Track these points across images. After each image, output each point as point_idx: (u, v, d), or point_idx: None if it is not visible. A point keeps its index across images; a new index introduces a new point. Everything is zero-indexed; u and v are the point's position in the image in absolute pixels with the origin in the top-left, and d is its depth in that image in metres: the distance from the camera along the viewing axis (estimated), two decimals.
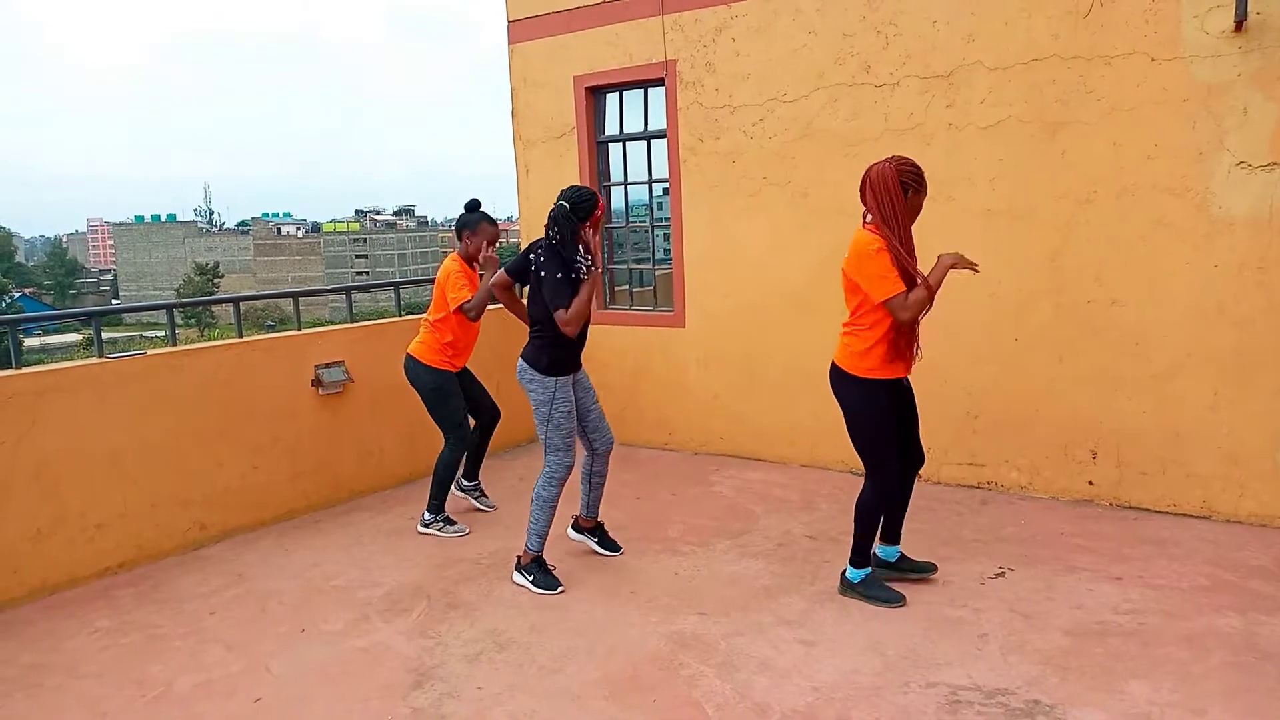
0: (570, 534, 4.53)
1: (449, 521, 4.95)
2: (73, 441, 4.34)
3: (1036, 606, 3.73)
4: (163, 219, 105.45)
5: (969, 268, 3.56)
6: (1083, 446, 5.00)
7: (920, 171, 3.60)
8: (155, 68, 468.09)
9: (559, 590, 4.07)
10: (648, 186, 6.72)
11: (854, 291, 3.62)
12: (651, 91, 6.45)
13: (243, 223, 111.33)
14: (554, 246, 4.00)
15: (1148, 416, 4.80)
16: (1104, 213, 4.79)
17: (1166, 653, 3.31)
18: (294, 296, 5.89)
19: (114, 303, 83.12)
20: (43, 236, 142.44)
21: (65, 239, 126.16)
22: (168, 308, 5.35)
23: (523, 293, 4.49)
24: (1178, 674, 3.16)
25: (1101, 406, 4.91)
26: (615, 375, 6.69)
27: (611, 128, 6.73)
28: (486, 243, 4.81)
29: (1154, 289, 4.71)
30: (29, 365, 4.53)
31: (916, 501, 4.17)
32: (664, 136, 6.36)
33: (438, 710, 3.13)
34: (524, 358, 4.09)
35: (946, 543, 4.44)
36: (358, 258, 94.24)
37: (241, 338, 5.23)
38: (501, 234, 4.91)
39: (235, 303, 5.81)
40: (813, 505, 5.18)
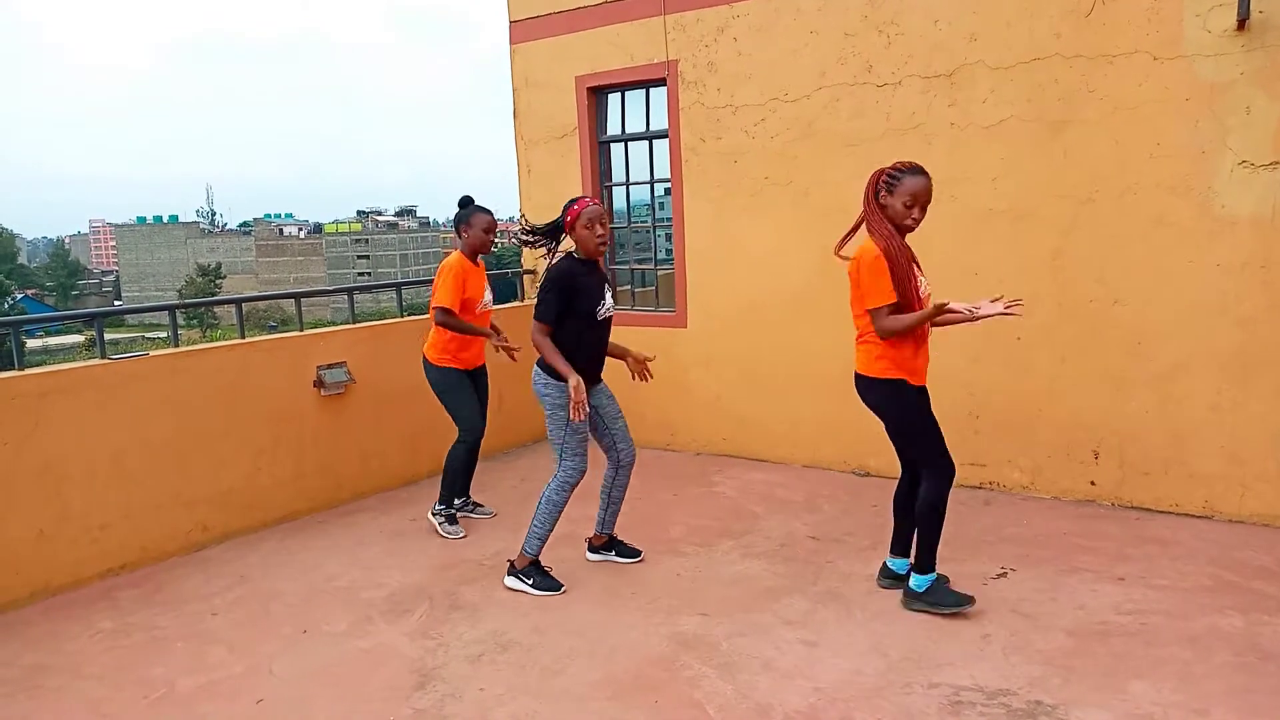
0: (589, 557, 4.48)
1: (451, 520, 4.94)
2: (76, 442, 4.34)
3: (1039, 607, 3.73)
4: (165, 220, 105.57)
5: (969, 319, 3.49)
6: (1085, 446, 5.00)
7: (901, 171, 3.53)
8: (156, 69, 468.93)
9: (561, 591, 4.06)
10: (649, 186, 6.72)
11: (858, 301, 3.61)
12: (653, 91, 6.46)
13: (245, 224, 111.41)
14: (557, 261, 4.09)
15: (1150, 416, 4.80)
16: (1106, 212, 4.79)
17: (1169, 653, 3.31)
18: (296, 297, 5.90)
19: (116, 304, 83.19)
20: (45, 238, 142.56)
21: (68, 240, 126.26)
22: (170, 309, 5.36)
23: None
24: (1180, 674, 3.16)
25: (1104, 406, 4.91)
26: (616, 376, 6.66)
27: (613, 128, 6.73)
28: (487, 231, 4.81)
29: (1156, 288, 4.71)
30: (32, 366, 4.54)
31: None
32: (666, 136, 6.36)
33: (440, 711, 3.13)
34: (538, 364, 4.09)
35: (949, 543, 4.41)
36: (360, 258, 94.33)
37: (244, 339, 5.23)
38: (502, 233, 4.91)
39: (237, 304, 5.82)
40: (815, 506, 5.17)
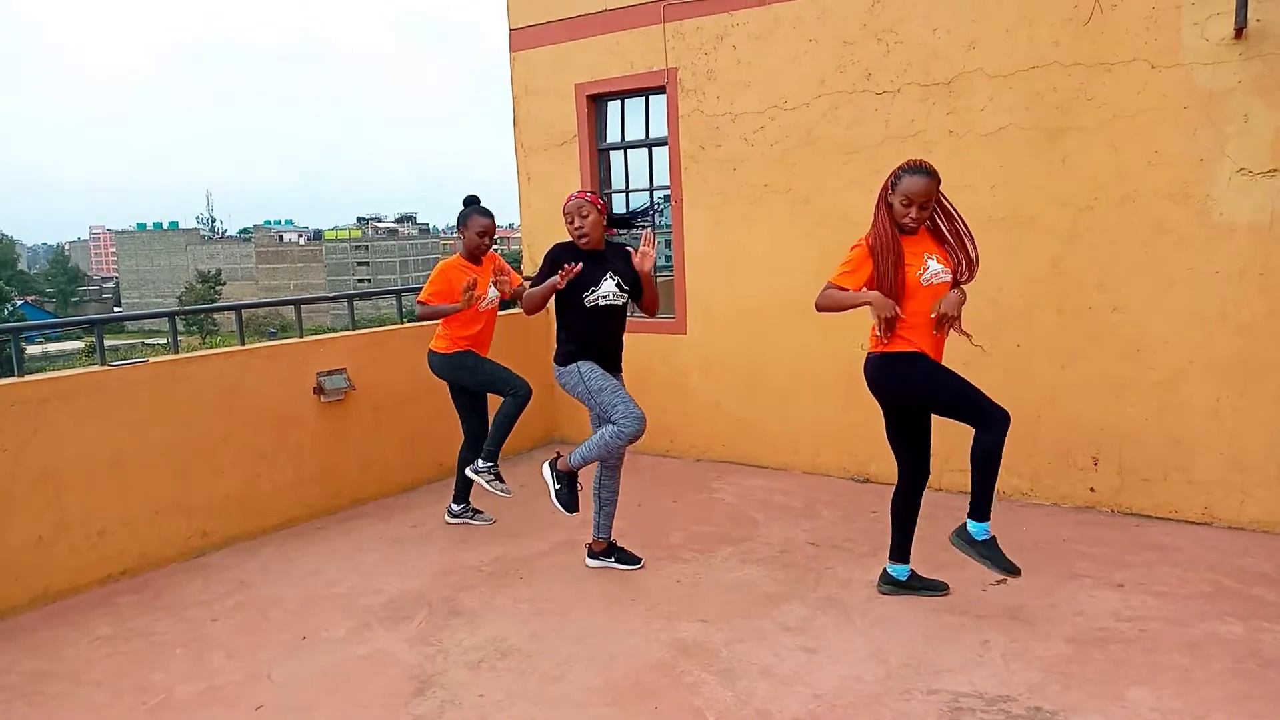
0: (589, 563, 4.48)
1: (499, 478, 4.84)
2: (75, 449, 4.35)
3: (1038, 613, 3.73)
4: (165, 226, 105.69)
5: (886, 326, 3.52)
6: (1084, 453, 5.00)
7: (903, 170, 3.56)
8: (157, 75, 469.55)
9: (574, 513, 4.15)
10: (649, 194, 6.73)
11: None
12: (653, 99, 6.47)
13: (245, 230, 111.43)
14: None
15: (1149, 423, 4.80)
16: (1105, 219, 4.80)
17: (1168, 660, 3.31)
18: (296, 304, 5.91)
19: (116, 310, 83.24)
20: (45, 244, 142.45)
21: (68, 246, 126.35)
22: (170, 315, 5.36)
23: (632, 309, 4.38)
24: (1180, 681, 3.16)
25: (1103, 413, 4.92)
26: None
27: (613, 135, 6.75)
28: (480, 234, 4.82)
29: (1155, 295, 4.71)
30: (31, 373, 4.54)
31: None
32: (665, 144, 6.38)
33: (439, 718, 3.13)
34: (554, 359, 4.21)
35: (948, 549, 4.40)
36: (359, 265, 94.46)
37: (243, 345, 5.24)
38: (502, 239, 4.90)
39: (237, 310, 5.83)
40: (815, 512, 5.17)
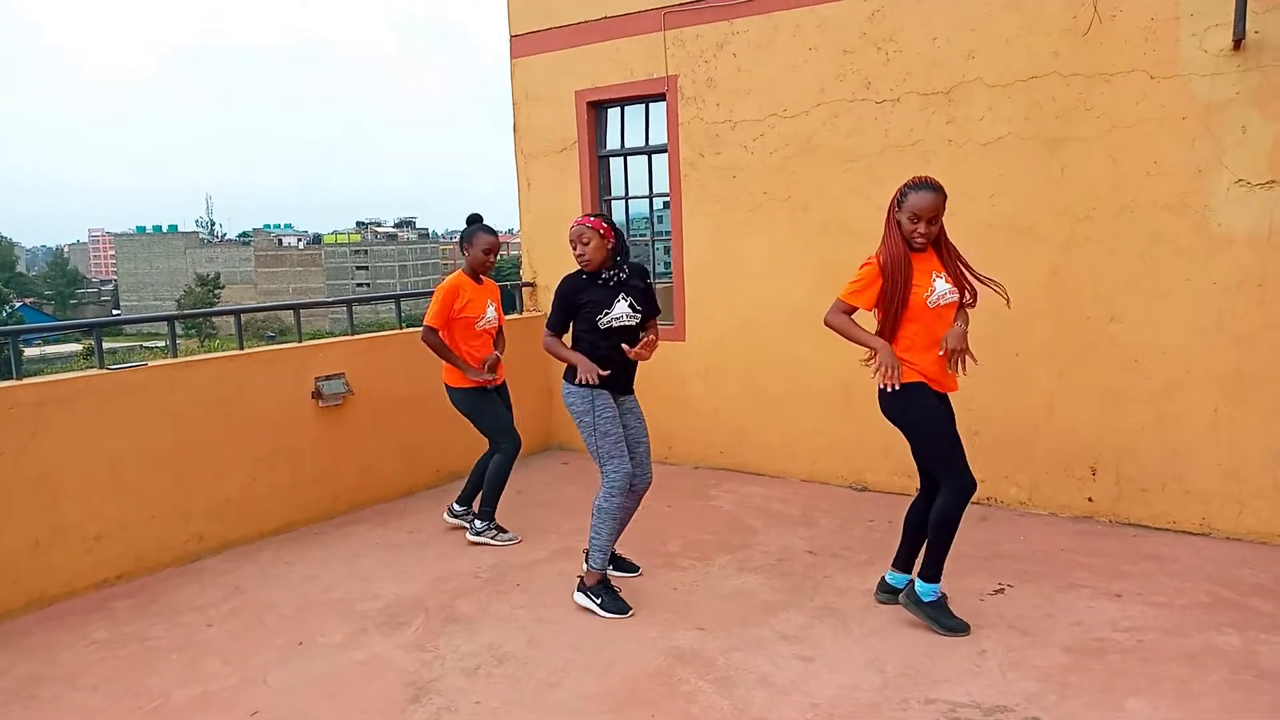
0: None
1: (501, 530, 4.90)
2: (72, 452, 4.34)
3: (1035, 623, 3.72)
4: (164, 229, 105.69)
5: (884, 374, 3.49)
6: (1082, 463, 5.00)
7: (908, 187, 3.54)
8: (157, 77, 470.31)
9: (629, 614, 3.92)
10: (648, 200, 6.75)
11: (876, 307, 3.62)
12: (653, 106, 6.49)
13: (244, 234, 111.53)
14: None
15: (1147, 433, 4.80)
16: (1103, 229, 4.81)
17: (1166, 670, 3.31)
18: (295, 308, 5.89)
19: (115, 313, 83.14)
20: (44, 246, 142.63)
21: (66, 249, 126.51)
22: (169, 319, 5.36)
23: (649, 326, 4.23)
24: (1177, 691, 3.16)
25: (1101, 423, 4.92)
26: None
27: (613, 142, 6.76)
28: (486, 251, 4.79)
29: (1153, 306, 4.72)
30: (29, 376, 4.54)
31: None
32: (665, 151, 6.39)
33: None
34: (564, 376, 4.08)
35: (949, 558, 4.42)
36: (359, 269, 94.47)
37: (242, 349, 5.24)
38: (504, 244, 4.89)
39: (236, 314, 5.84)
40: (813, 520, 5.17)
